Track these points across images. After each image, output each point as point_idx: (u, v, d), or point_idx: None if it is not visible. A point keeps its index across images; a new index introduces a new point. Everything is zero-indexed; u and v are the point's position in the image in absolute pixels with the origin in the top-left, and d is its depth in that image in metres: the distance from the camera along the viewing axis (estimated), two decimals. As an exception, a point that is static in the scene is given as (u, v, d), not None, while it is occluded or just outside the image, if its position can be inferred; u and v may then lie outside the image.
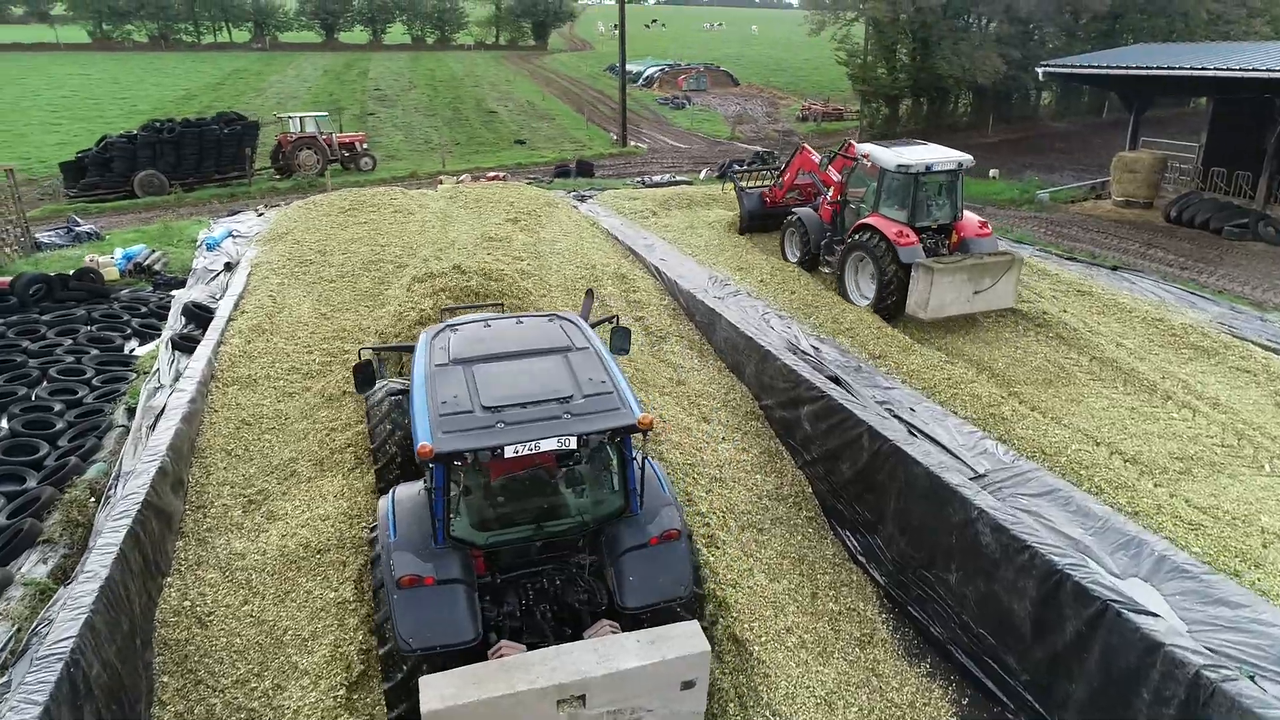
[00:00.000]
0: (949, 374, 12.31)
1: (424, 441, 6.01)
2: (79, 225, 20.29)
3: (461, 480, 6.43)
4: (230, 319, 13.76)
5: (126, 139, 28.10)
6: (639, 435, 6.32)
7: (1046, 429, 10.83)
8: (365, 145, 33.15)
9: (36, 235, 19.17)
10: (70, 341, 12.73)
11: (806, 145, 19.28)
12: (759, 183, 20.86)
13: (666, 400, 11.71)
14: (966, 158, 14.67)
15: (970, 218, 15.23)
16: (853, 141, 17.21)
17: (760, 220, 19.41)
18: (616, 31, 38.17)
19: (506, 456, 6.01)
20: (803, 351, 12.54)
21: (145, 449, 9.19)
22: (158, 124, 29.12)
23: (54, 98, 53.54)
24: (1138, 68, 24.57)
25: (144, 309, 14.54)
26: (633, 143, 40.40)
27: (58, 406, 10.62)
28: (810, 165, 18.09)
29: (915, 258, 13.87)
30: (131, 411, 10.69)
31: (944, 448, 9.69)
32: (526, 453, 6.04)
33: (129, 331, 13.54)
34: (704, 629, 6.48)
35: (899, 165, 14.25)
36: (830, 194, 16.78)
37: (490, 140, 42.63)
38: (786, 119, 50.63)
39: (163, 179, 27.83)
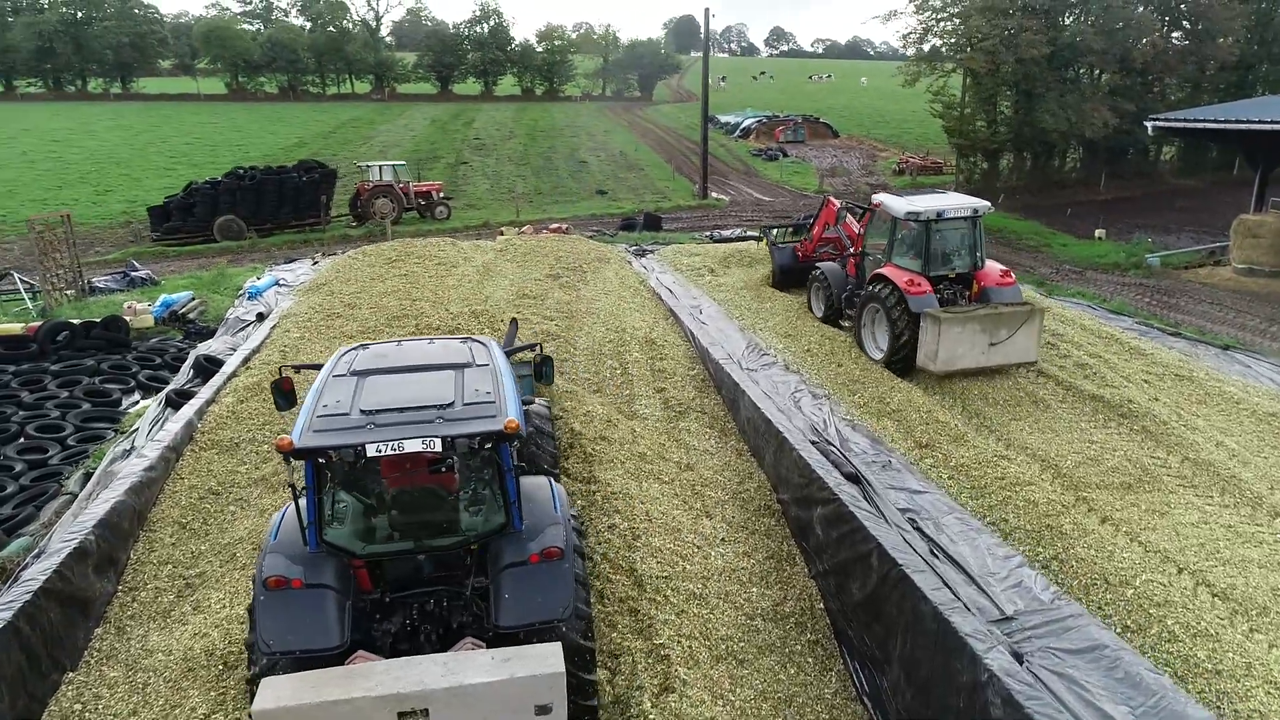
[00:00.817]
0: (1003, 472, 10.56)
1: (287, 437, 5.92)
2: (135, 270, 20.62)
3: (330, 483, 6.38)
4: (233, 374, 13.26)
5: (210, 185, 28.97)
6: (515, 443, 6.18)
7: (1114, 549, 8.96)
8: (441, 194, 33.31)
9: (93, 280, 19.51)
10: (67, 394, 12.43)
11: (831, 198, 18.87)
12: (795, 238, 19.88)
13: (664, 491, 10.34)
14: (983, 204, 14.10)
15: (993, 266, 14.42)
16: (861, 201, 16.40)
17: (794, 275, 18.75)
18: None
19: (369, 455, 5.86)
20: (826, 440, 11.02)
21: (72, 524, 8.51)
22: (241, 171, 29.95)
23: (178, 145, 56.81)
24: (1261, 121, 22.03)
25: (158, 360, 14.25)
26: (715, 194, 39.42)
27: (18, 467, 10.15)
28: (833, 218, 17.65)
29: (925, 307, 13.18)
30: (89, 476, 10.13)
31: (969, 576, 8.02)
32: (390, 452, 5.88)
33: (132, 384, 13.19)
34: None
35: (909, 213, 13.80)
36: (853, 246, 16.45)
37: (573, 190, 42.51)
38: (882, 172, 48.79)
39: (241, 224, 28.47)
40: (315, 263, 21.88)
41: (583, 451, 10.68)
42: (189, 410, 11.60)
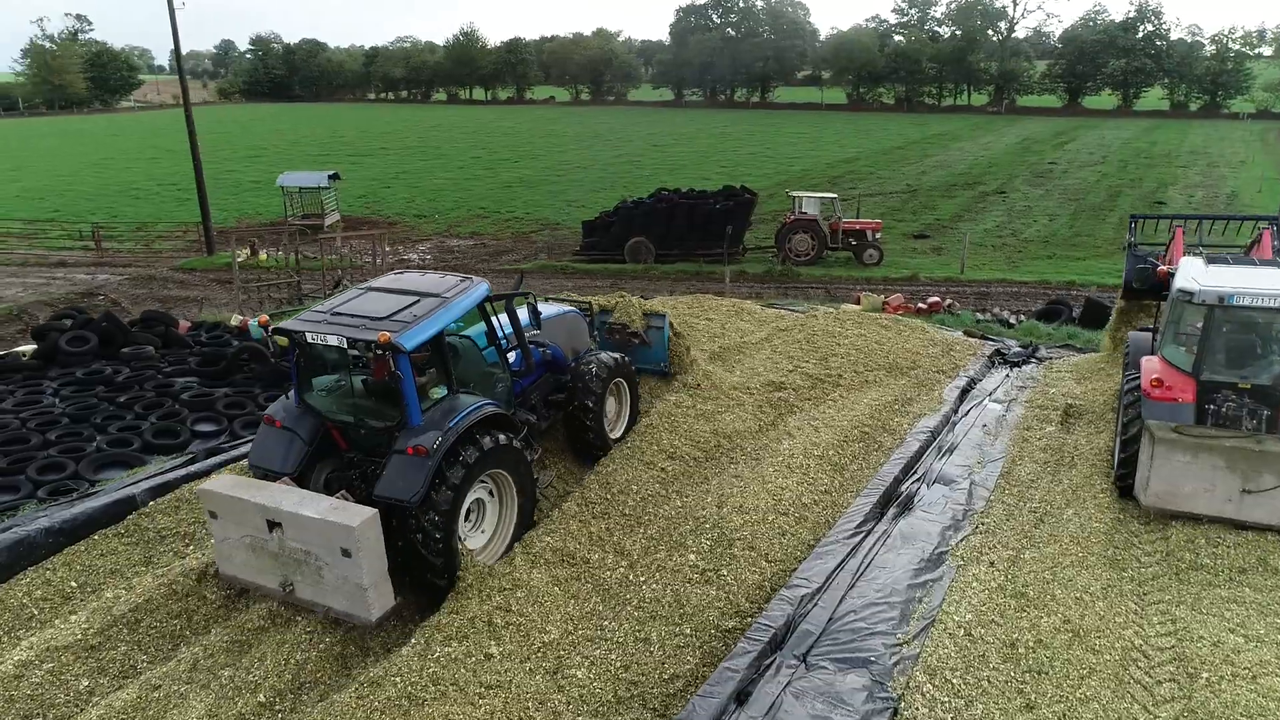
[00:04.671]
0: None
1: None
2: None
3: (304, 359, 8.21)
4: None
5: (633, 204, 28.59)
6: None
7: None
8: (878, 235, 27.90)
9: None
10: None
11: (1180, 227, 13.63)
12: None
13: None
14: None
15: None
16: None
17: (1149, 294, 13.60)
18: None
19: (307, 340, 7.84)
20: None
21: None
22: (664, 192, 28.98)
23: (740, 154, 59.41)
24: None
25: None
26: None
27: None
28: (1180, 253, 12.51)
29: (1159, 416, 9.41)
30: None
31: None
32: (313, 341, 7.82)
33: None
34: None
35: (1195, 289, 9.43)
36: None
37: (1104, 241, 32.34)
38: None
39: (649, 248, 27.53)
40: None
41: None
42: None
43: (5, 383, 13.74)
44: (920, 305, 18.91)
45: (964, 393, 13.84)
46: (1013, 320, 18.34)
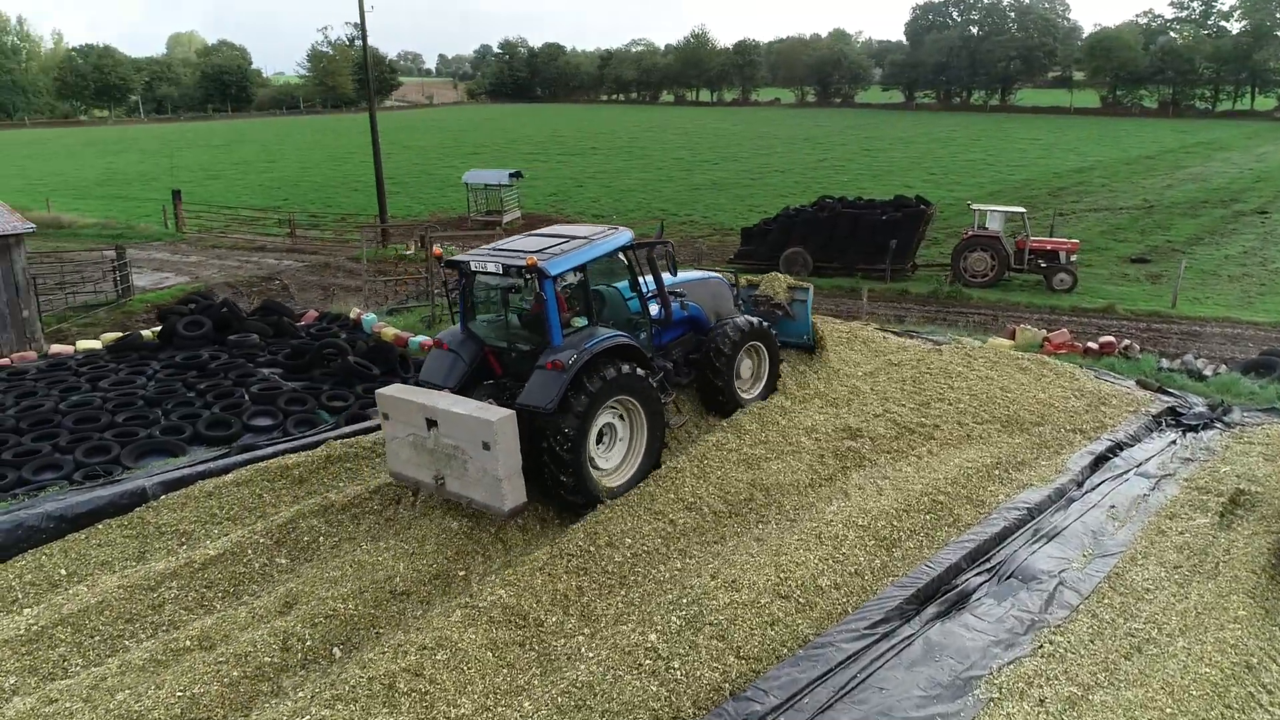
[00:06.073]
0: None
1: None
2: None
3: (468, 289, 9.53)
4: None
5: (794, 212, 26.67)
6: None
7: None
8: (1073, 257, 24.08)
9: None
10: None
11: None
12: None
13: None
14: None
15: None
16: None
17: None
18: None
19: (471, 269, 9.14)
20: None
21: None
22: (828, 200, 26.78)
23: (948, 160, 54.92)
24: None
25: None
26: None
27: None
28: None
29: None
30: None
31: None
32: (475, 269, 9.10)
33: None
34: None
35: None
36: None
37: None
38: None
39: (807, 260, 25.56)
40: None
41: None
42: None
43: (120, 360, 14.66)
44: (1090, 345, 15.87)
45: (1099, 461, 11.22)
46: (1207, 371, 14.91)
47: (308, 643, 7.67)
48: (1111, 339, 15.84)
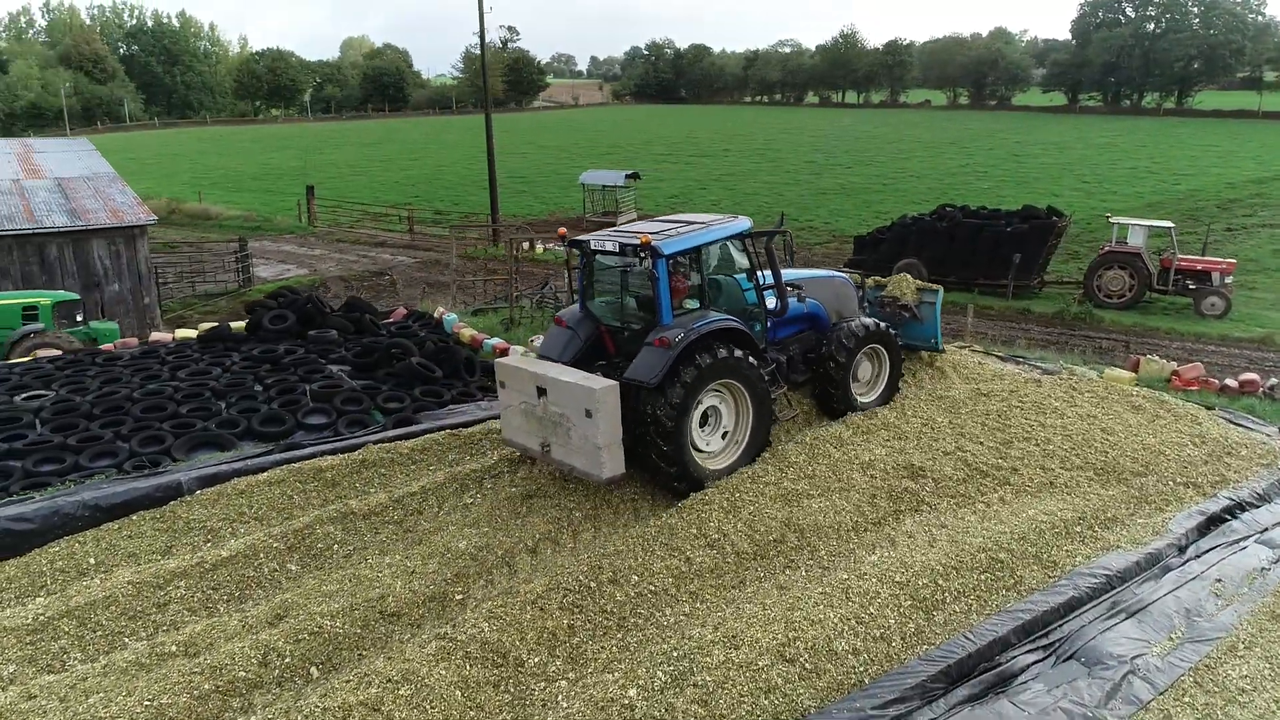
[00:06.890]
0: None
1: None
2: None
3: (587, 268, 9.88)
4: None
5: (911, 221, 25.02)
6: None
7: None
8: (1228, 279, 21.33)
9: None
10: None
11: None
12: None
13: None
14: None
15: None
16: None
17: None
18: None
19: (590, 249, 9.57)
20: None
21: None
22: (948, 209, 24.93)
23: (1092, 168, 50.72)
24: None
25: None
26: None
27: None
28: None
29: None
30: None
31: None
32: (595, 248, 9.48)
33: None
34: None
35: None
36: None
37: None
38: None
39: (921, 272, 23.85)
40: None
41: None
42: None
43: (206, 351, 15.18)
44: (1229, 382, 13.85)
45: (1211, 523, 9.63)
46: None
47: (287, 659, 7.40)
48: (1256, 377, 13.78)
